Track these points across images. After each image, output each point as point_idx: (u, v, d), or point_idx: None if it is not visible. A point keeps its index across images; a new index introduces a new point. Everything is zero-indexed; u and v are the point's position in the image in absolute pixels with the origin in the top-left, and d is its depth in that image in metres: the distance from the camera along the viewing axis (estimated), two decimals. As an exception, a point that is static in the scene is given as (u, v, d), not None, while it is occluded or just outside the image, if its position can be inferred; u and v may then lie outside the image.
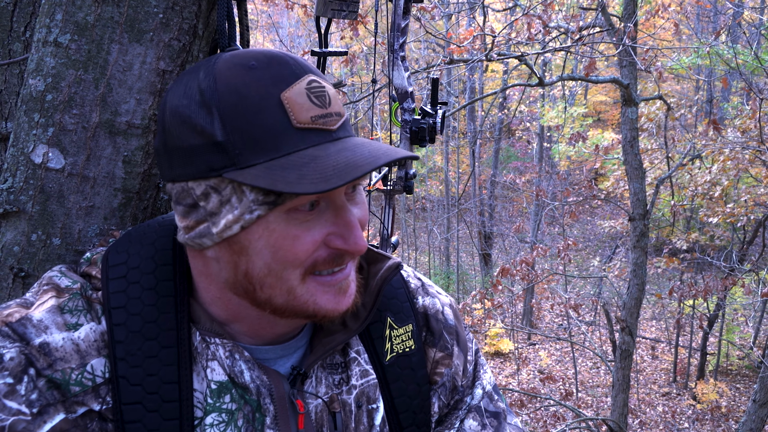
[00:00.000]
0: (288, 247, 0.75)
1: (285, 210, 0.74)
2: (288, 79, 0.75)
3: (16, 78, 1.24)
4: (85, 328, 0.78)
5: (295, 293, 0.78)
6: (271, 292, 0.78)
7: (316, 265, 0.77)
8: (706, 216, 10.39)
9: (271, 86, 0.74)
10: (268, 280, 0.77)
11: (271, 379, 0.83)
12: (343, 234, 0.77)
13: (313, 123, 0.74)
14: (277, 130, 0.73)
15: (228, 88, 0.74)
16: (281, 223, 0.74)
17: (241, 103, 0.73)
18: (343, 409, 0.88)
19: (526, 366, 12.90)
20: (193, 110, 0.75)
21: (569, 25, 6.94)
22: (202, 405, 0.80)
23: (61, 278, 0.83)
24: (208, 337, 0.82)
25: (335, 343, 0.87)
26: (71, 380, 0.75)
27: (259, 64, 0.75)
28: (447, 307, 1.02)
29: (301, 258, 0.76)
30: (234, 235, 0.75)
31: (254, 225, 0.74)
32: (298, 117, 0.73)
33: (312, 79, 0.76)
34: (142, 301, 0.80)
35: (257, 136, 0.72)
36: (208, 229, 0.76)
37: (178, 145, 0.76)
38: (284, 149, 0.73)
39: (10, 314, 0.77)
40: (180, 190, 0.78)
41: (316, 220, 0.76)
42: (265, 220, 0.74)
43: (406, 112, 1.83)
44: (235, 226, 0.74)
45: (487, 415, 1.01)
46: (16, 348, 0.74)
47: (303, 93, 0.74)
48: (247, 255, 0.76)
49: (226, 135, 0.73)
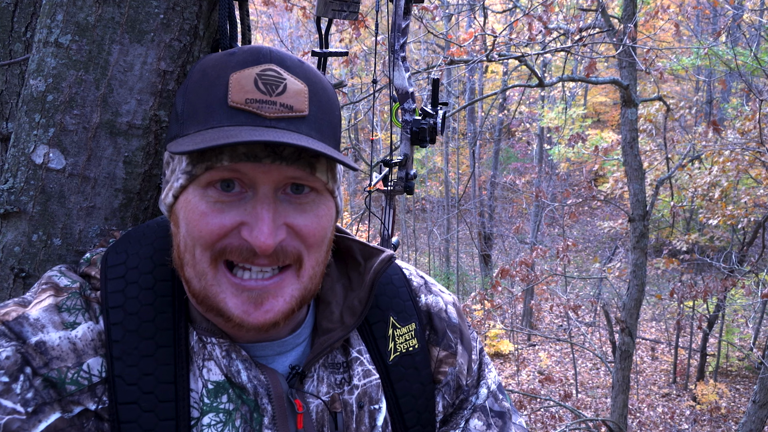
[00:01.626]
0: (195, 223, 0.76)
1: (202, 185, 0.76)
2: (247, 63, 0.77)
3: (17, 78, 1.24)
4: (82, 327, 0.78)
5: (207, 280, 0.77)
6: (190, 272, 0.78)
7: (225, 252, 0.76)
8: (706, 217, 10.39)
9: (229, 68, 0.76)
10: (186, 256, 0.78)
11: (268, 379, 0.82)
12: (252, 225, 0.75)
13: (245, 105, 0.75)
14: (212, 106, 0.76)
15: (200, 66, 0.79)
16: (196, 197, 0.76)
17: (201, 79, 0.77)
18: (344, 409, 0.87)
19: (525, 367, 12.89)
20: (181, 87, 0.82)
21: (569, 26, 6.95)
22: (199, 405, 0.80)
23: (61, 278, 0.83)
24: (205, 336, 0.82)
25: (333, 340, 0.87)
26: (67, 379, 0.75)
27: (239, 51, 0.79)
28: (450, 306, 1.01)
29: (206, 238, 0.75)
30: (172, 205, 0.79)
31: (181, 196, 0.77)
32: (233, 96, 0.75)
33: (270, 68, 0.77)
34: (140, 300, 0.80)
35: (197, 109, 0.76)
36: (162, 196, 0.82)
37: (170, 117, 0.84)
38: (210, 123, 0.75)
39: (7, 313, 0.77)
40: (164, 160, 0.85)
41: (234, 206, 0.76)
42: (186, 192, 0.77)
43: (406, 113, 1.83)
44: (170, 194, 0.79)
45: (492, 415, 1.00)
46: (13, 347, 0.74)
47: (251, 77, 0.76)
48: (177, 227, 0.79)
49: (183, 106, 0.78)
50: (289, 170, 0.75)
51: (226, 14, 0.96)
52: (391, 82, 1.84)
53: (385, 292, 0.95)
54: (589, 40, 7.13)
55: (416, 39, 9.45)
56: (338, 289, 0.92)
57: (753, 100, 7.42)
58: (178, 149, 0.71)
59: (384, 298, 0.95)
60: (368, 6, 8.58)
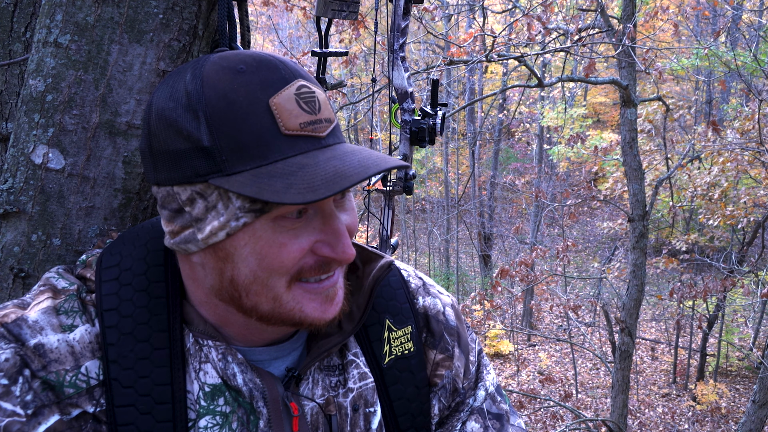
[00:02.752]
0: (274, 255, 0.74)
1: (272, 218, 0.73)
2: (277, 84, 0.73)
3: (17, 78, 1.24)
4: (80, 330, 0.78)
5: (281, 300, 0.77)
6: (257, 299, 0.77)
7: (302, 273, 0.76)
8: (706, 217, 10.39)
9: (259, 91, 0.72)
10: (253, 287, 0.76)
11: (264, 382, 0.82)
12: (330, 242, 0.75)
13: (301, 130, 0.73)
14: (264, 137, 0.71)
15: (215, 92, 0.72)
16: (268, 231, 0.73)
17: (229, 108, 0.71)
18: (338, 412, 0.87)
19: (525, 367, 12.90)
20: (180, 114, 0.73)
21: (569, 26, 6.95)
22: (195, 407, 0.80)
23: (59, 279, 0.83)
24: (201, 339, 0.82)
25: (330, 345, 0.87)
26: (65, 382, 0.75)
27: (248, 68, 0.74)
28: (448, 308, 1.00)
29: (288, 266, 0.74)
30: (219, 242, 0.74)
31: (240, 232, 0.73)
32: (287, 123, 0.72)
33: (302, 84, 0.75)
34: (134, 302, 0.80)
35: (244, 143, 0.71)
36: (194, 235, 0.75)
37: (164, 149, 0.75)
38: (271, 156, 0.71)
39: (6, 315, 0.77)
40: (165, 195, 0.77)
41: (303, 227, 0.75)
42: (252, 227, 0.73)
43: (405, 113, 1.83)
44: (220, 233, 0.73)
45: (489, 417, 0.99)
46: (12, 349, 0.74)
47: (292, 99, 0.73)
48: (232, 262, 0.75)
49: (213, 140, 0.71)
50: None
51: (225, 15, 0.96)
52: (390, 81, 1.84)
53: (381, 295, 0.95)
54: (588, 41, 7.13)
55: (416, 39, 9.46)
56: None
57: (752, 100, 7.42)
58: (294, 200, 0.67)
59: (380, 300, 0.95)
60: (368, 6, 8.58)
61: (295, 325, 0.80)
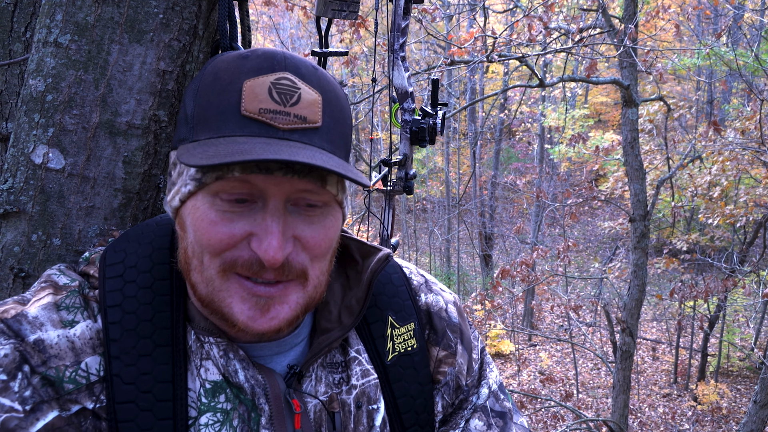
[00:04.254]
0: (204, 230, 0.75)
1: (211, 192, 0.75)
2: (261, 71, 0.76)
3: (17, 78, 1.24)
4: (81, 326, 0.78)
5: (215, 286, 0.77)
6: (196, 277, 0.78)
7: (235, 265, 0.76)
8: (706, 217, 10.38)
9: (243, 74, 0.76)
10: (193, 261, 0.78)
11: (266, 378, 0.82)
12: (260, 237, 0.74)
13: (259, 115, 0.74)
14: (225, 113, 0.75)
15: (212, 69, 0.78)
16: (206, 205, 0.75)
17: (213, 83, 0.76)
18: (342, 409, 0.87)
19: (526, 367, 12.89)
20: (189, 88, 0.81)
21: (570, 26, 6.95)
22: (196, 404, 0.80)
23: (60, 276, 0.83)
24: (203, 336, 0.82)
25: (331, 340, 0.87)
26: (65, 378, 0.75)
27: (253, 56, 0.78)
28: (451, 305, 1.01)
29: (215, 245, 0.75)
30: (178, 208, 0.79)
31: (189, 201, 0.77)
32: (247, 105, 0.74)
33: (285, 77, 0.75)
34: (138, 299, 0.80)
35: (209, 115, 0.76)
36: (167, 197, 0.82)
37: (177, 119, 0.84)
38: (222, 131, 0.74)
39: (6, 311, 0.77)
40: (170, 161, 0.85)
41: (243, 214, 0.75)
42: (195, 197, 0.77)
43: (406, 113, 1.83)
44: (176, 198, 0.79)
45: (492, 415, 0.99)
46: (11, 344, 0.74)
47: (265, 85, 0.74)
48: (184, 231, 0.79)
49: (193, 110, 0.77)
50: (301, 183, 0.75)
51: (225, 14, 0.96)
52: (390, 81, 1.84)
53: (384, 292, 0.95)
54: (589, 41, 7.12)
55: (417, 39, 9.46)
56: (336, 288, 0.92)
57: (754, 100, 7.41)
58: (190, 161, 0.70)
59: (383, 297, 0.95)
60: (368, 6, 8.58)
61: (226, 323, 0.79)
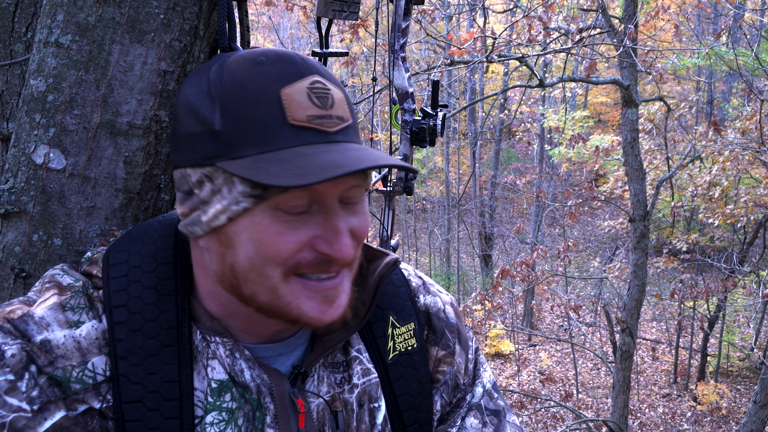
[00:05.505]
0: (270, 243, 0.74)
1: (271, 206, 0.74)
2: (291, 76, 0.75)
3: (18, 79, 1.24)
4: (86, 326, 0.79)
5: (278, 292, 0.77)
6: (255, 288, 0.77)
7: (300, 267, 0.76)
8: (706, 217, 10.39)
9: (273, 82, 0.74)
10: (250, 275, 0.76)
11: (271, 378, 0.83)
12: (329, 239, 0.75)
13: (308, 122, 0.74)
14: (271, 125, 0.73)
15: (232, 79, 0.75)
16: (266, 218, 0.74)
17: (242, 95, 0.74)
18: (344, 408, 0.88)
19: (526, 367, 12.89)
20: (200, 99, 0.76)
21: (570, 26, 6.95)
22: (203, 404, 0.80)
23: (64, 276, 0.83)
24: (209, 335, 0.82)
25: (335, 341, 0.87)
26: (72, 378, 0.76)
27: (268, 60, 0.76)
28: (448, 306, 1.02)
29: (283, 255, 0.75)
30: (221, 226, 0.76)
31: (240, 217, 0.74)
32: (294, 114, 0.73)
33: (316, 80, 0.76)
34: (143, 299, 0.80)
35: (251, 129, 0.73)
36: (199, 217, 0.77)
37: (182, 132, 0.78)
38: (275, 144, 0.73)
39: (12, 311, 0.77)
40: (180, 176, 0.80)
41: (304, 221, 0.75)
42: (251, 213, 0.74)
43: (406, 113, 1.83)
44: (222, 216, 0.75)
45: (487, 413, 1.01)
46: (18, 345, 0.74)
47: (303, 91, 0.74)
48: (232, 247, 0.76)
49: (224, 125, 0.74)
50: (353, 180, 0.76)
51: (225, 15, 0.96)
52: (390, 82, 1.84)
53: (385, 292, 0.96)
54: (589, 41, 7.12)
55: (417, 40, 9.46)
56: None
57: (754, 100, 7.41)
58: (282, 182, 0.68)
59: (384, 297, 0.96)
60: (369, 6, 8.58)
61: (294, 322, 0.81)
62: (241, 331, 0.85)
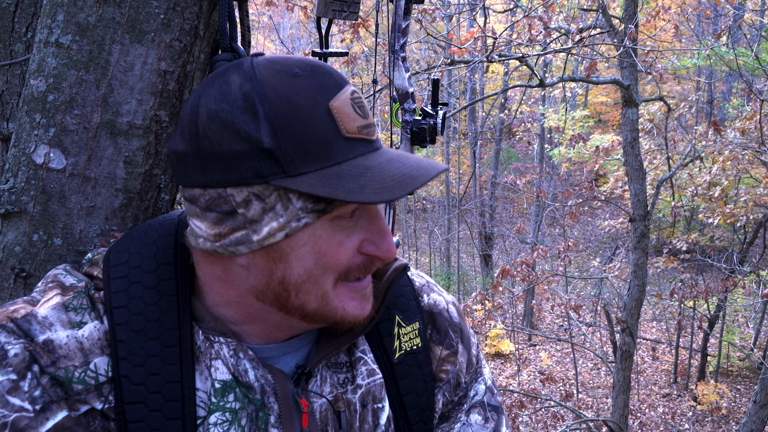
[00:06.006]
0: (333, 253, 0.77)
1: (330, 217, 0.76)
2: (333, 88, 0.76)
3: (18, 79, 1.24)
4: (89, 326, 0.79)
5: (328, 299, 0.79)
6: (306, 298, 0.79)
7: (350, 272, 0.79)
8: (706, 216, 10.39)
9: (318, 95, 0.74)
10: (305, 286, 0.78)
11: (275, 378, 0.83)
12: (376, 241, 0.79)
13: (359, 133, 0.76)
14: (327, 139, 0.73)
15: (277, 95, 0.73)
16: (327, 230, 0.76)
17: (292, 110, 0.73)
18: (347, 408, 0.88)
19: (526, 367, 12.89)
20: (237, 115, 0.73)
21: (570, 26, 6.95)
22: (206, 404, 0.80)
23: (66, 276, 0.83)
24: (213, 335, 0.82)
25: (342, 342, 0.88)
26: (74, 378, 0.76)
27: (303, 73, 0.76)
28: (451, 305, 1.04)
29: (343, 263, 0.78)
30: (275, 243, 0.76)
31: (299, 232, 0.75)
32: (347, 127, 0.75)
33: (353, 90, 0.78)
34: (144, 300, 0.80)
35: (308, 145, 0.72)
36: (248, 236, 0.75)
37: (217, 151, 0.74)
38: (334, 158, 0.74)
39: (16, 310, 0.77)
40: (215, 197, 0.75)
41: (353, 227, 0.78)
42: (312, 227, 0.75)
43: (406, 113, 1.83)
44: (279, 233, 0.74)
45: (489, 409, 1.03)
46: (21, 344, 0.74)
47: (348, 103, 0.76)
48: (286, 262, 0.77)
49: (276, 142, 0.72)
50: None
51: (225, 15, 0.96)
52: (391, 82, 1.84)
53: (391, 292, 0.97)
54: (589, 41, 7.12)
55: (417, 39, 9.46)
56: None
57: (753, 100, 7.41)
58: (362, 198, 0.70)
59: (390, 297, 0.97)
60: (369, 6, 8.58)
61: (334, 323, 0.83)
62: (253, 335, 0.85)
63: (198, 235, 0.79)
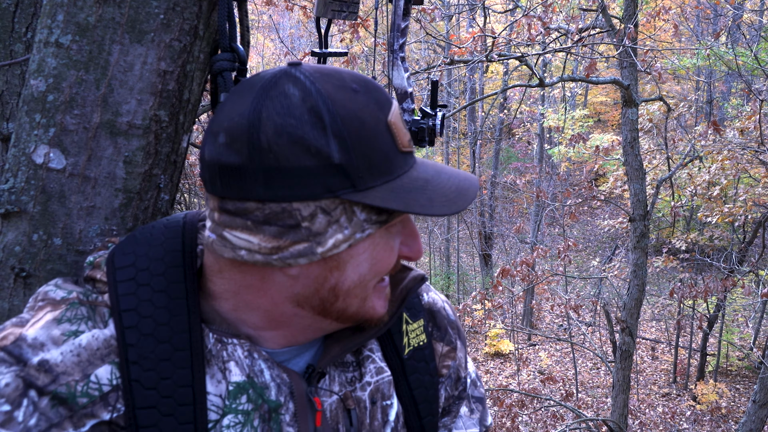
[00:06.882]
0: (387, 258, 0.81)
1: (386, 226, 0.80)
2: (386, 104, 0.78)
3: (18, 79, 1.24)
4: (86, 336, 0.77)
5: (367, 300, 0.83)
6: (351, 301, 0.82)
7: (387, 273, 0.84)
8: (705, 216, 10.39)
9: (378, 111, 0.76)
10: (355, 290, 0.81)
11: (290, 378, 0.84)
12: (409, 243, 0.84)
13: (409, 146, 0.80)
14: (389, 154, 0.76)
15: (347, 112, 0.73)
16: (384, 237, 0.80)
17: (361, 127, 0.74)
18: (357, 405, 0.89)
19: (526, 367, 12.89)
20: (307, 131, 0.72)
21: (569, 26, 6.95)
22: (219, 407, 0.80)
23: (56, 291, 0.81)
24: (226, 337, 0.82)
25: (355, 342, 0.89)
26: (77, 392, 0.74)
27: (360, 88, 0.77)
28: (446, 304, 1.08)
29: (392, 267, 0.83)
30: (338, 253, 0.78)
31: (361, 242, 0.78)
32: (402, 141, 0.78)
33: (397, 104, 0.81)
34: (153, 303, 0.79)
35: (375, 160, 0.75)
36: (311, 249, 0.75)
37: (284, 165, 0.72)
38: (394, 172, 0.77)
39: (5, 337, 0.75)
40: (278, 211, 0.74)
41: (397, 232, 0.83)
42: (373, 236, 0.79)
43: (405, 113, 1.83)
44: (343, 245, 0.76)
45: (473, 401, 1.09)
46: (12, 372, 0.73)
47: (399, 118, 0.79)
48: (342, 270, 0.79)
49: (348, 158, 0.73)
50: None
51: (225, 15, 0.96)
52: (390, 82, 1.84)
53: None
54: (589, 41, 7.13)
55: (417, 39, 9.46)
56: None
57: (753, 100, 7.42)
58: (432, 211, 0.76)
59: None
60: (369, 6, 8.58)
61: (363, 322, 0.86)
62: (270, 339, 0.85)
63: (240, 247, 0.76)
